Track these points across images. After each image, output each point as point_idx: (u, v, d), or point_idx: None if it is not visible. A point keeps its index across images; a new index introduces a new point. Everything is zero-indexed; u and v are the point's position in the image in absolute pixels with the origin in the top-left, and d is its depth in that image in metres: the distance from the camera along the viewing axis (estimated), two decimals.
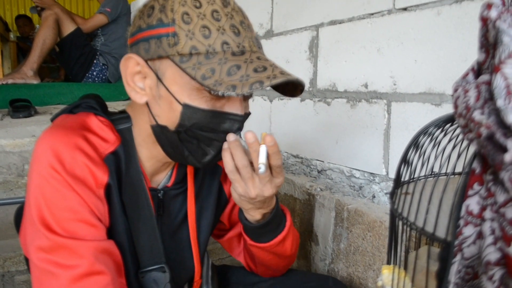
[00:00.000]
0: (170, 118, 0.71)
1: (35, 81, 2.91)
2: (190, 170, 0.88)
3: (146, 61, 0.72)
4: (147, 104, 0.74)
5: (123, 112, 0.83)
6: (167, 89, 0.70)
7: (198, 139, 0.73)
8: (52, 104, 2.78)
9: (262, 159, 0.72)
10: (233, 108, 0.74)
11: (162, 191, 0.84)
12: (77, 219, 0.68)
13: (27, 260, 0.77)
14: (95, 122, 0.76)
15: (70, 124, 0.74)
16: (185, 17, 0.67)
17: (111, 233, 0.75)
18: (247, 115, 0.80)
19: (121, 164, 0.76)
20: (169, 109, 0.71)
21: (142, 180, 0.78)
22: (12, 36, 4.51)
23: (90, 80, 3.27)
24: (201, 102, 0.70)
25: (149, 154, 0.80)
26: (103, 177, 0.72)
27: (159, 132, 0.74)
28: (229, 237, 1.04)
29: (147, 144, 0.79)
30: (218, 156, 0.76)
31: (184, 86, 0.69)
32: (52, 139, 0.70)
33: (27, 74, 2.89)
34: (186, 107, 0.69)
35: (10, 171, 1.92)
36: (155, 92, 0.72)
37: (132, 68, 0.72)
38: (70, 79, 3.49)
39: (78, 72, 3.24)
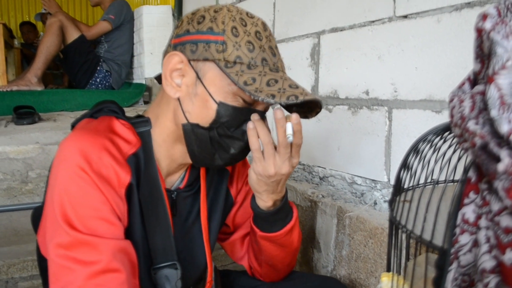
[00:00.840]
0: (202, 115, 0.77)
1: (39, 88, 2.93)
2: (202, 173, 0.92)
3: (189, 60, 0.77)
4: (178, 100, 0.79)
5: (140, 116, 0.87)
6: (205, 88, 0.76)
7: (227, 136, 0.78)
8: (56, 110, 2.79)
9: (289, 131, 0.79)
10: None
11: (175, 192, 0.88)
12: (99, 217, 0.70)
13: (40, 263, 0.82)
14: (118, 125, 0.80)
15: (95, 127, 0.78)
16: (234, 31, 0.76)
17: (128, 232, 0.78)
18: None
19: (141, 164, 0.80)
20: (203, 107, 0.76)
21: (159, 181, 0.82)
22: (16, 43, 4.54)
23: (93, 86, 3.29)
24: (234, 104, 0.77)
25: (167, 154, 0.84)
26: (125, 177, 0.76)
27: (189, 130, 0.79)
28: (233, 240, 1.06)
29: (167, 144, 0.83)
30: (239, 155, 0.82)
31: (222, 88, 0.76)
32: (79, 141, 0.73)
33: (31, 81, 2.91)
34: (221, 104, 0.75)
35: (14, 178, 1.93)
36: (191, 89, 0.77)
37: (174, 65, 0.78)
38: (73, 85, 3.51)
39: (82, 79, 3.26)
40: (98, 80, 3.29)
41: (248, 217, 1.02)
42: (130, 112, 2.73)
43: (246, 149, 0.82)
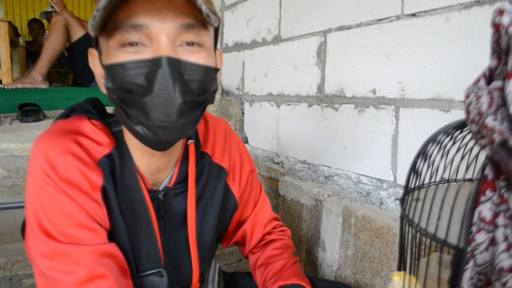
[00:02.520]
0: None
1: (44, 86, 2.94)
2: (191, 170, 0.84)
3: (96, 49, 0.72)
4: None
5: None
6: (101, 63, 0.69)
7: (131, 104, 0.65)
8: (60, 108, 2.80)
9: None
10: (155, 55, 0.63)
11: (162, 192, 0.81)
12: (75, 224, 0.68)
13: None
14: (88, 126, 0.75)
15: (62, 128, 0.73)
16: None
17: (113, 236, 0.75)
18: (185, 62, 0.65)
19: (116, 166, 0.75)
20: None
21: (138, 182, 0.76)
22: (21, 41, 4.56)
23: (98, 85, 3.30)
24: (120, 59, 0.64)
25: (140, 152, 0.77)
26: (97, 180, 0.71)
27: (116, 112, 0.72)
28: (236, 241, 1.04)
29: (132, 141, 0.75)
30: (164, 119, 0.64)
31: (106, 50, 0.66)
32: (44, 145, 0.70)
33: (36, 78, 2.91)
34: (105, 68, 0.66)
35: (18, 175, 1.93)
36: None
37: (94, 62, 0.73)
38: (78, 84, 3.51)
39: (87, 77, 3.26)
40: None
41: (247, 214, 1.00)
42: None
43: (159, 104, 0.63)
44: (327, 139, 1.54)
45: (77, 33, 3.12)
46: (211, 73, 0.69)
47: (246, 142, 2.19)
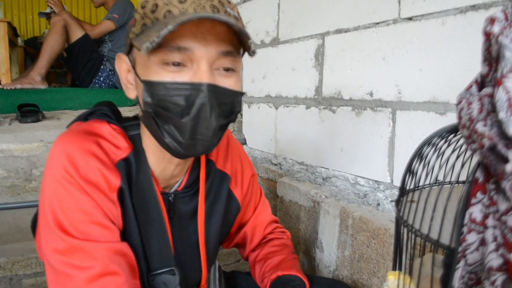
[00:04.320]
0: (142, 102, 0.71)
1: (43, 86, 2.94)
2: (202, 174, 0.89)
3: (127, 56, 0.75)
4: (138, 98, 0.76)
5: (136, 118, 0.85)
6: (136, 73, 0.72)
7: (167, 120, 0.69)
8: (59, 109, 2.80)
9: None
10: (196, 78, 0.67)
11: (172, 195, 0.85)
12: (91, 221, 0.70)
13: None
14: (108, 130, 0.78)
15: (83, 130, 0.76)
16: (143, 3, 0.70)
17: (124, 236, 0.77)
18: (222, 88, 0.70)
19: (132, 170, 0.78)
20: (140, 94, 0.71)
21: (152, 185, 0.80)
22: (20, 41, 4.55)
23: (97, 85, 3.30)
24: (161, 77, 0.67)
25: (157, 158, 0.80)
26: (115, 181, 0.74)
27: (145, 120, 0.74)
28: (236, 242, 1.06)
29: (151, 148, 0.79)
30: (197, 139, 0.70)
31: (145, 64, 0.69)
32: (66, 144, 0.72)
33: (35, 79, 2.92)
34: (145, 83, 0.69)
35: (18, 176, 1.94)
36: (136, 82, 0.73)
37: (122, 67, 0.76)
38: (77, 84, 3.51)
39: (85, 78, 3.27)
40: (101, 79, 3.30)
41: (248, 217, 1.04)
42: (133, 111, 2.75)
43: (195, 127, 0.68)
44: (324, 141, 1.56)
45: (76, 34, 3.13)
46: (239, 96, 0.75)
47: (245, 143, 2.21)
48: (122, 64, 0.77)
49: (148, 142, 0.79)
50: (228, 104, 0.72)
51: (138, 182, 0.79)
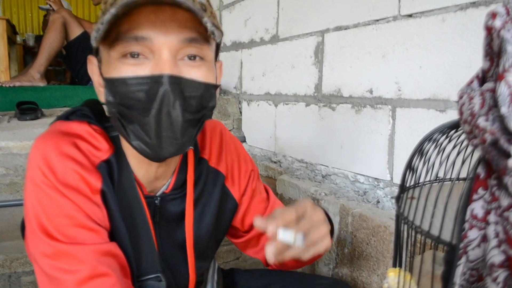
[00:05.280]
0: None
1: (42, 84, 2.93)
2: (190, 176, 0.84)
3: (96, 57, 0.71)
4: None
5: None
6: (100, 73, 0.68)
7: (131, 119, 0.65)
8: (58, 106, 2.80)
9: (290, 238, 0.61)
10: (157, 70, 0.63)
11: (159, 198, 0.81)
12: (75, 224, 0.68)
13: None
14: (87, 131, 0.75)
15: (61, 131, 0.73)
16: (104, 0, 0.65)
17: (113, 237, 0.75)
18: (186, 80, 0.65)
19: (114, 172, 0.75)
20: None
21: (135, 188, 0.77)
22: (19, 38, 4.55)
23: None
24: (122, 72, 0.64)
25: (137, 162, 0.77)
26: (96, 183, 0.72)
27: (114, 123, 0.71)
28: (248, 239, 1.00)
29: (130, 150, 0.74)
30: (163, 137, 0.65)
31: (107, 61, 0.65)
32: (43, 146, 0.70)
33: (34, 76, 2.91)
34: (106, 81, 0.65)
35: (17, 173, 1.94)
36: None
37: (93, 70, 0.73)
38: (76, 82, 3.51)
39: (84, 75, 3.26)
40: None
41: (260, 214, 0.96)
42: None
43: (159, 123, 0.64)
44: (324, 138, 1.55)
45: (75, 31, 3.12)
46: (211, 89, 0.69)
47: (244, 141, 2.20)
48: (92, 67, 0.73)
49: (127, 145, 0.74)
50: (196, 98, 0.66)
51: (121, 185, 0.75)
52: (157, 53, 0.63)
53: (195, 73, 0.66)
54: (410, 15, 1.17)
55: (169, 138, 0.65)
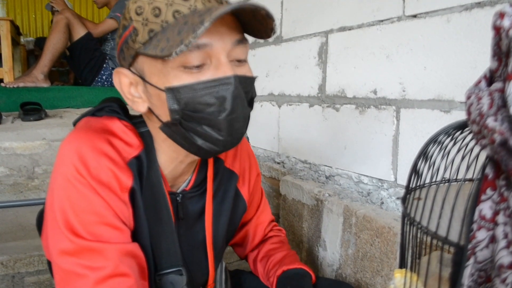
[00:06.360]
0: (165, 111, 0.69)
1: (46, 85, 2.94)
2: (210, 174, 0.87)
3: (129, 69, 0.72)
4: (150, 110, 0.73)
5: (141, 116, 0.82)
6: (150, 83, 0.69)
7: (199, 122, 0.68)
8: (62, 107, 2.81)
9: None
10: (220, 73, 0.67)
11: (180, 195, 0.84)
12: (102, 222, 0.69)
13: (49, 262, 0.77)
14: (119, 127, 0.76)
15: (94, 127, 0.74)
16: (138, 10, 0.67)
17: (135, 236, 0.76)
18: (245, 77, 0.71)
19: (143, 168, 0.76)
20: (161, 103, 0.68)
21: (161, 184, 0.78)
22: (22, 39, 4.55)
23: (99, 84, 3.30)
24: (183, 80, 0.66)
25: (168, 158, 0.79)
26: (127, 181, 0.73)
27: (167, 130, 0.72)
28: (242, 235, 1.06)
29: (164, 148, 0.78)
30: (230, 132, 0.69)
31: (161, 72, 0.67)
32: (78, 143, 0.70)
33: (38, 77, 2.92)
34: (168, 91, 0.66)
35: (20, 174, 1.94)
36: (147, 94, 0.71)
37: (123, 81, 0.73)
38: (79, 83, 3.52)
39: (88, 76, 3.27)
40: (104, 77, 3.30)
41: (251, 216, 1.04)
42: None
43: (233, 120, 0.68)
44: (328, 139, 1.55)
45: (79, 32, 3.13)
46: (254, 82, 0.75)
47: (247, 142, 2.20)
48: (122, 79, 0.73)
49: (161, 143, 0.77)
50: (250, 92, 0.73)
51: (149, 180, 0.77)
52: (215, 58, 0.67)
53: (243, 69, 0.72)
54: (414, 16, 1.17)
55: (238, 133, 0.70)
